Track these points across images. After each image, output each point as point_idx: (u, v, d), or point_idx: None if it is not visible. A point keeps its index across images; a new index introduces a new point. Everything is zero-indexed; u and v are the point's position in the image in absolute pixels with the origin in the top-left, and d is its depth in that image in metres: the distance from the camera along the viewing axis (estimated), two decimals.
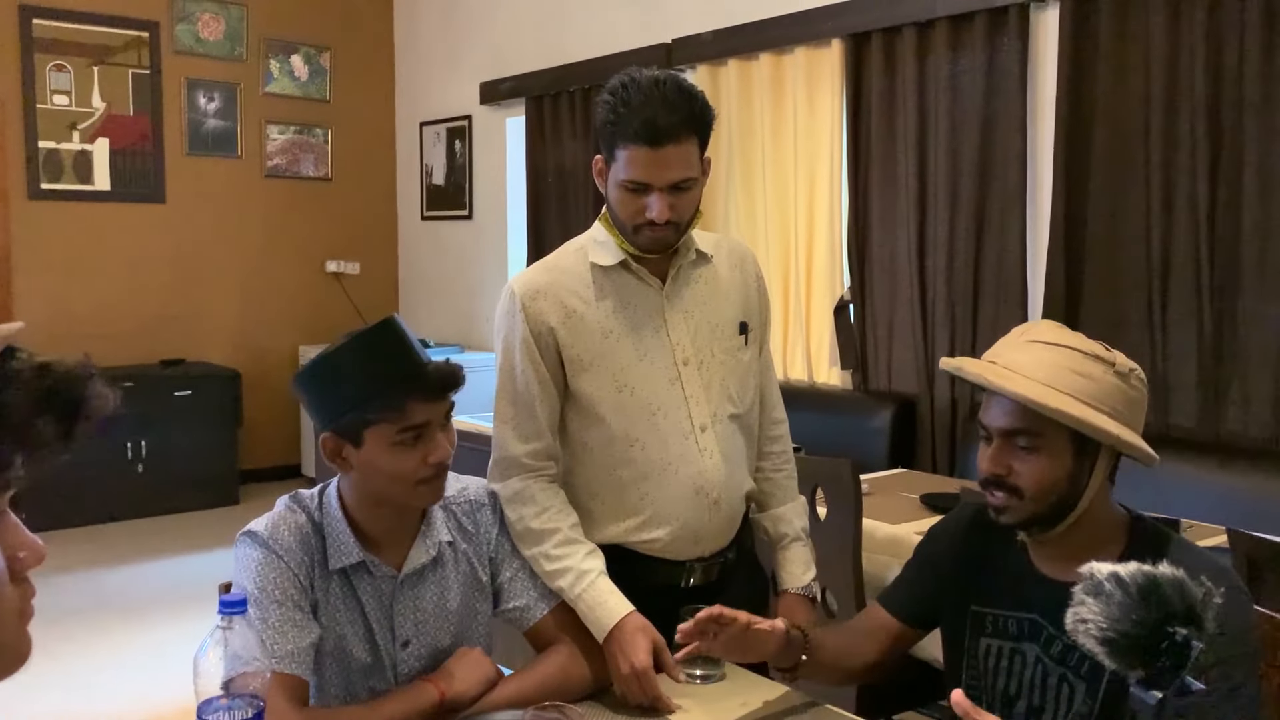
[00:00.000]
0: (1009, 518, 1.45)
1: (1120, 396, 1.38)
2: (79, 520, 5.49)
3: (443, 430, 1.52)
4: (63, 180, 5.80)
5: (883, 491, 3.09)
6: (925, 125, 3.96)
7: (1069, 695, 1.41)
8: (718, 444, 1.75)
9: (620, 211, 1.68)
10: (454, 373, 1.51)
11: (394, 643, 1.57)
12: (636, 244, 1.70)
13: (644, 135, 1.60)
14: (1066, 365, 1.38)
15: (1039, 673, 1.45)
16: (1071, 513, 1.42)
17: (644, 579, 1.75)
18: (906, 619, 1.65)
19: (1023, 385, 1.38)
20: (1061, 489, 1.41)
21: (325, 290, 6.69)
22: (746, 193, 4.68)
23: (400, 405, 1.46)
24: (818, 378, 4.53)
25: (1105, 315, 3.49)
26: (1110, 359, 1.39)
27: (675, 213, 1.65)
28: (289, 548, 1.51)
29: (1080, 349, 1.39)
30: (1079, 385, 1.38)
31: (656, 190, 1.63)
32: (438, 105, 6.54)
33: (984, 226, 3.82)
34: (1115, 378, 1.38)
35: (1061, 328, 1.44)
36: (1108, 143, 3.47)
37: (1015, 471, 1.42)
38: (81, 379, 0.76)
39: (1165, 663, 1.01)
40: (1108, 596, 1.04)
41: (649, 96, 1.61)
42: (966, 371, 1.44)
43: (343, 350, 1.48)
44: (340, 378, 1.49)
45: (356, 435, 1.49)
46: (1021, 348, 1.43)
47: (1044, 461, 1.40)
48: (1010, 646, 1.49)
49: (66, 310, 5.82)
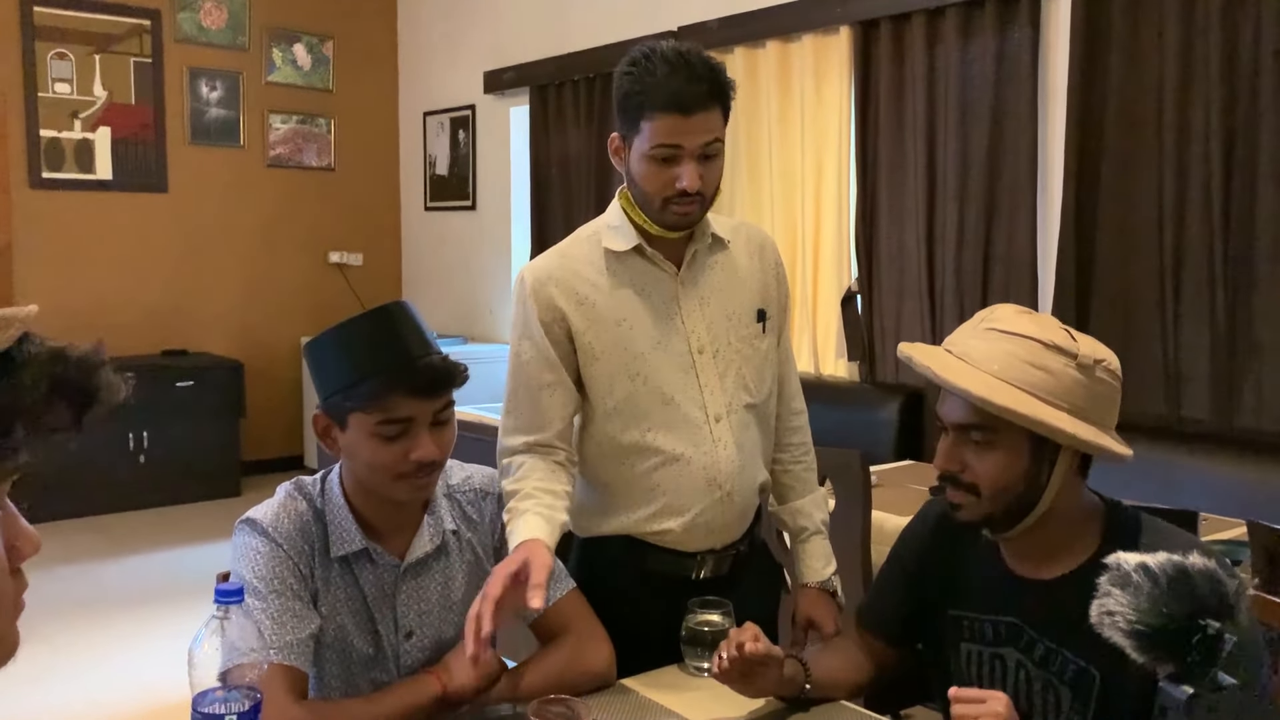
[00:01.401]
0: (965, 515, 1.38)
1: (1081, 391, 1.29)
2: (81, 511, 5.46)
3: (435, 428, 1.47)
4: (64, 169, 5.76)
5: (891, 484, 3.05)
6: (935, 114, 3.91)
7: (1055, 702, 1.35)
8: (732, 434, 1.72)
9: (648, 185, 1.64)
10: (447, 371, 1.45)
11: (397, 633, 1.53)
12: (663, 221, 1.66)
13: (675, 103, 1.57)
14: (1022, 357, 1.30)
15: (1021, 678, 1.39)
16: (1032, 512, 1.34)
17: (654, 570, 1.71)
18: (884, 637, 1.60)
19: (970, 379, 1.30)
20: (1019, 488, 1.33)
21: (328, 281, 6.65)
22: (753, 182, 4.63)
23: (382, 397, 1.42)
24: (824, 369, 4.49)
25: (1117, 307, 3.45)
26: (1072, 349, 1.30)
27: (704, 182, 1.62)
28: (288, 535, 1.47)
29: (1039, 339, 1.30)
30: (1034, 379, 1.29)
31: (687, 157, 1.60)
32: (441, 94, 6.50)
33: (994, 217, 3.77)
34: (1077, 370, 1.29)
35: (1024, 313, 1.35)
36: (1120, 131, 3.42)
37: (970, 468, 1.35)
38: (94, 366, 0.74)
39: (1196, 657, 0.97)
40: (1136, 588, 1.00)
41: (675, 66, 1.58)
42: (915, 361, 1.36)
43: (341, 330, 1.46)
44: (332, 357, 1.46)
45: (342, 417, 1.46)
46: (980, 335, 1.35)
47: (999, 458, 1.32)
48: (990, 652, 1.43)
49: (68, 300, 5.78)
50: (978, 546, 1.45)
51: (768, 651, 1.42)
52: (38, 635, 3.87)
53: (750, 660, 1.41)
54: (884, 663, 1.62)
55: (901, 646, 1.61)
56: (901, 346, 1.41)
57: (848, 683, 1.61)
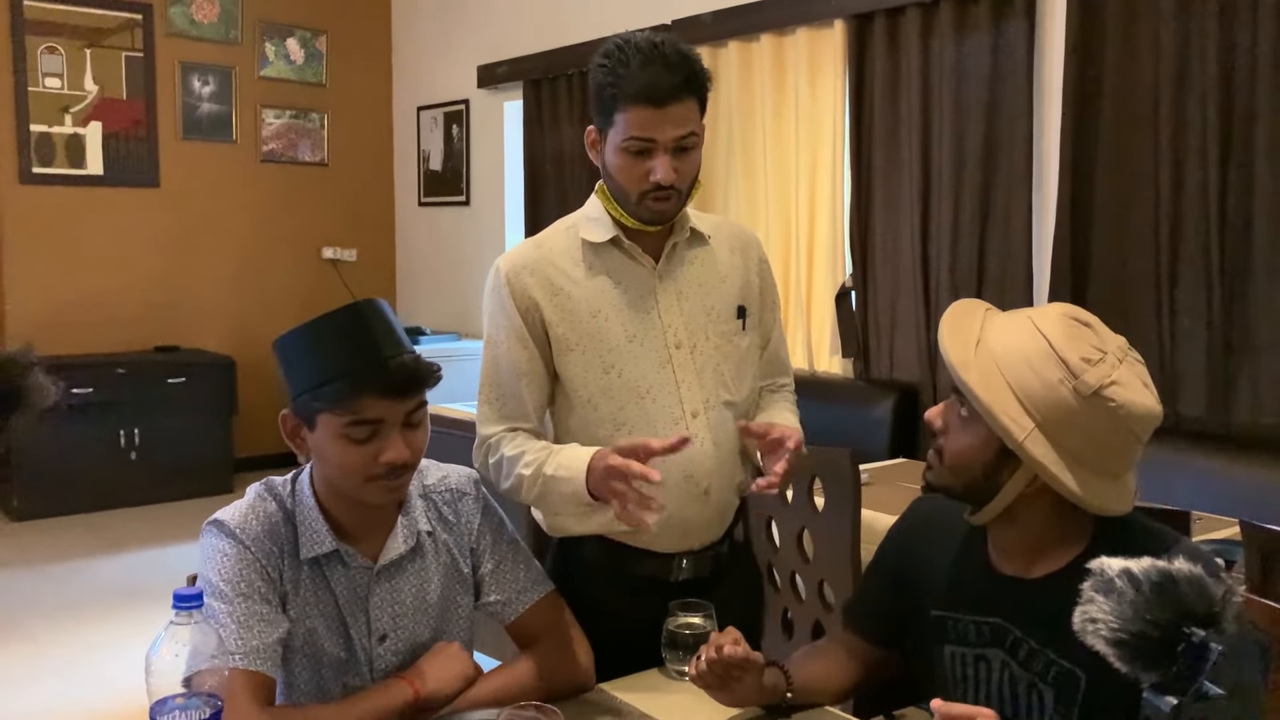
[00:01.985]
0: (930, 477, 1.37)
1: (1063, 413, 1.22)
2: (71, 508, 5.43)
3: (406, 429, 1.42)
4: (55, 164, 5.72)
5: (883, 481, 3.02)
6: (929, 108, 3.87)
7: (1039, 703, 1.32)
8: (710, 431, 1.68)
9: (622, 179, 1.61)
10: (419, 372, 1.41)
11: (370, 637, 1.50)
12: (639, 215, 1.63)
13: (647, 95, 1.55)
14: (1026, 353, 1.25)
15: (1006, 679, 1.35)
16: (986, 507, 1.31)
17: (631, 571, 1.68)
18: (870, 638, 1.57)
19: (960, 346, 1.27)
20: (974, 475, 1.30)
21: (322, 277, 6.61)
22: (747, 177, 4.60)
23: (350, 398, 1.37)
24: (818, 366, 4.46)
25: (1112, 304, 3.41)
26: (1078, 370, 1.22)
27: (679, 176, 1.60)
28: (256, 537, 1.44)
29: (1053, 344, 1.24)
30: (1023, 380, 1.24)
31: (661, 150, 1.57)
32: (435, 89, 6.46)
33: (989, 212, 3.74)
34: (1069, 393, 1.22)
35: (1067, 318, 1.27)
36: (1115, 127, 3.38)
37: (949, 432, 1.33)
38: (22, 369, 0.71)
39: (1181, 666, 0.94)
40: (1119, 594, 0.97)
41: (649, 57, 1.56)
42: (944, 319, 1.33)
43: (310, 327, 1.42)
44: (301, 356, 1.42)
45: (310, 418, 1.42)
46: (1016, 321, 1.30)
47: (970, 438, 1.30)
48: (974, 653, 1.39)
49: (59, 296, 5.75)
50: (964, 545, 1.42)
51: (747, 656, 1.38)
52: (24, 634, 3.84)
53: (729, 664, 1.38)
54: (871, 664, 1.59)
55: (888, 647, 1.57)
56: (957, 304, 1.37)
57: (832, 689, 1.57)
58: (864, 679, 1.62)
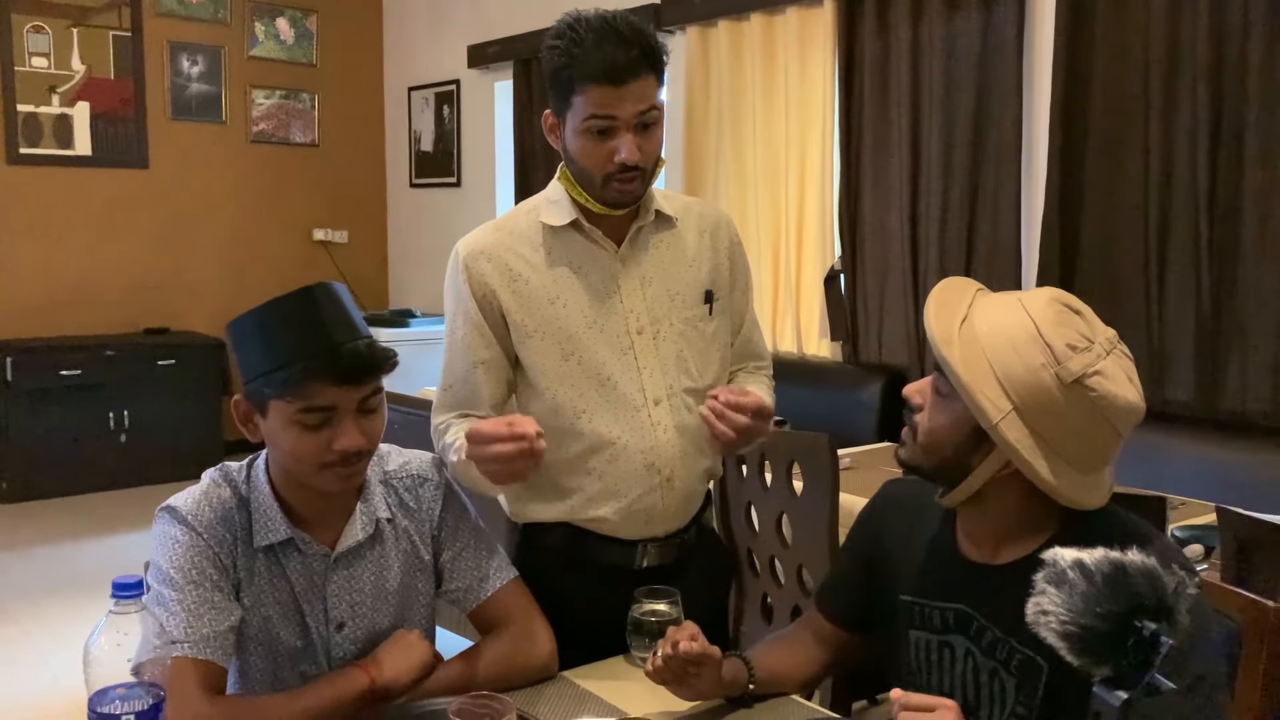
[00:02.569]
0: (902, 454, 1.34)
1: (1043, 399, 1.19)
2: (60, 491, 5.41)
3: (361, 416, 1.40)
4: (42, 144, 5.68)
5: (866, 466, 3.00)
6: (919, 90, 3.83)
7: (1000, 691, 1.29)
8: (673, 418, 1.65)
9: (585, 161, 1.57)
10: (373, 358, 1.38)
11: (327, 625, 1.48)
12: (605, 199, 1.60)
13: (605, 73, 1.51)
14: (1011, 334, 1.21)
15: (969, 668, 1.33)
16: (957, 488, 1.28)
17: (595, 559, 1.65)
18: (840, 622, 1.54)
19: (943, 322, 1.24)
20: (945, 455, 1.27)
21: (312, 259, 6.57)
22: (736, 158, 4.56)
23: (301, 385, 1.34)
24: (807, 349, 4.43)
25: (1101, 285, 3.38)
26: (1062, 357, 1.18)
27: (643, 155, 1.56)
28: (209, 524, 1.41)
29: (1040, 328, 1.20)
30: (1005, 361, 1.20)
31: (623, 129, 1.54)
32: (426, 69, 6.40)
33: (978, 194, 3.70)
34: (1051, 379, 1.19)
35: (1057, 303, 1.23)
36: (1105, 110, 3.34)
37: (925, 409, 1.30)
38: None
39: (1132, 660, 0.91)
40: (1071, 586, 0.94)
41: (602, 35, 1.52)
42: (933, 293, 1.30)
43: (261, 311, 1.39)
44: (252, 340, 1.39)
45: (262, 404, 1.40)
46: (1006, 302, 1.26)
47: (945, 416, 1.26)
48: (938, 640, 1.36)
49: (47, 277, 5.72)
50: (932, 530, 1.40)
51: (703, 651, 1.36)
52: (8, 617, 3.83)
53: (685, 660, 1.36)
54: (841, 649, 1.57)
55: (859, 631, 1.55)
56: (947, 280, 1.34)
57: (798, 677, 1.55)
58: (833, 665, 1.60)
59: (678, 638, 1.36)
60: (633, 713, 1.46)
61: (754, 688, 1.48)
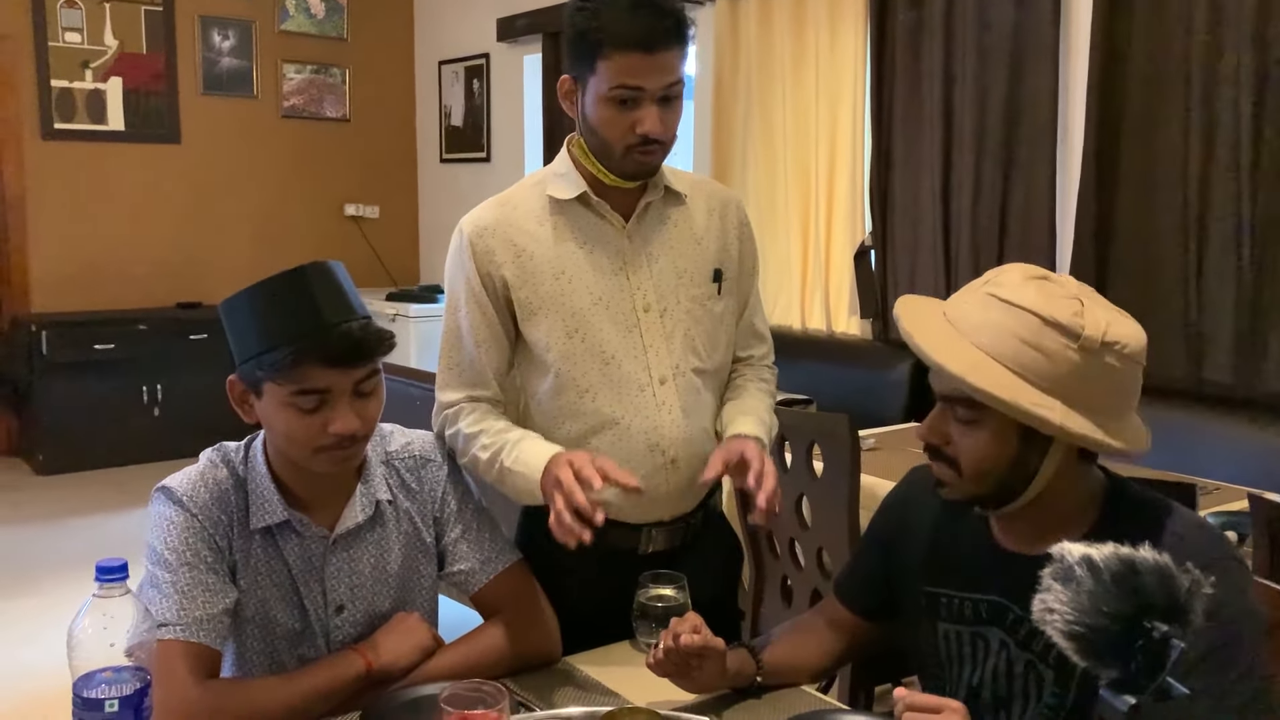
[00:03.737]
0: (948, 494, 1.27)
1: (1080, 377, 1.15)
2: (94, 463, 5.48)
3: (357, 399, 1.37)
4: (76, 120, 5.71)
5: (891, 447, 2.94)
6: (951, 60, 3.74)
7: (1037, 685, 1.25)
8: (678, 398, 1.61)
9: (606, 131, 1.52)
10: (367, 341, 1.34)
11: (326, 608, 1.46)
12: (623, 170, 1.55)
13: (638, 40, 1.46)
14: (1017, 333, 1.16)
15: (1003, 660, 1.28)
16: (1019, 497, 1.23)
17: (599, 542, 1.61)
18: (860, 611, 1.50)
19: (951, 353, 1.17)
20: (1002, 473, 1.21)
21: (344, 234, 6.58)
22: (765, 132, 4.48)
23: (294, 367, 1.32)
24: (836, 327, 4.37)
25: (1137, 263, 3.29)
26: (1075, 328, 1.15)
27: (665, 128, 1.52)
28: (204, 505, 1.39)
29: (1039, 313, 1.15)
30: (1026, 359, 1.15)
31: (648, 100, 1.49)
32: (455, 43, 6.36)
33: (1011, 168, 3.61)
34: (1078, 354, 1.14)
35: (1033, 280, 1.19)
36: (1145, 79, 3.24)
37: (954, 443, 1.23)
38: None
39: (1140, 663, 0.86)
40: (1077, 583, 0.89)
41: (638, 1, 1.47)
42: (902, 324, 1.23)
43: (254, 291, 1.36)
44: (245, 321, 1.37)
45: (256, 386, 1.37)
46: (979, 300, 1.21)
47: (984, 438, 1.20)
48: (970, 632, 1.32)
49: (81, 252, 5.77)
50: (965, 519, 1.34)
51: (705, 643, 1.32)
52: (36, 588, 3.88)
53: (686, 653, 1.32)
54: (859, 638, 1.52)
55: (878, 621, 1.51)
56: (898, 302, 1.27)
57: (810, 667, 1.51)
58: (850, 655, 1.56)
59: (679, 630, 1.33)
60: (637, 700, 1.43)
61: (761, 679, 1.44)
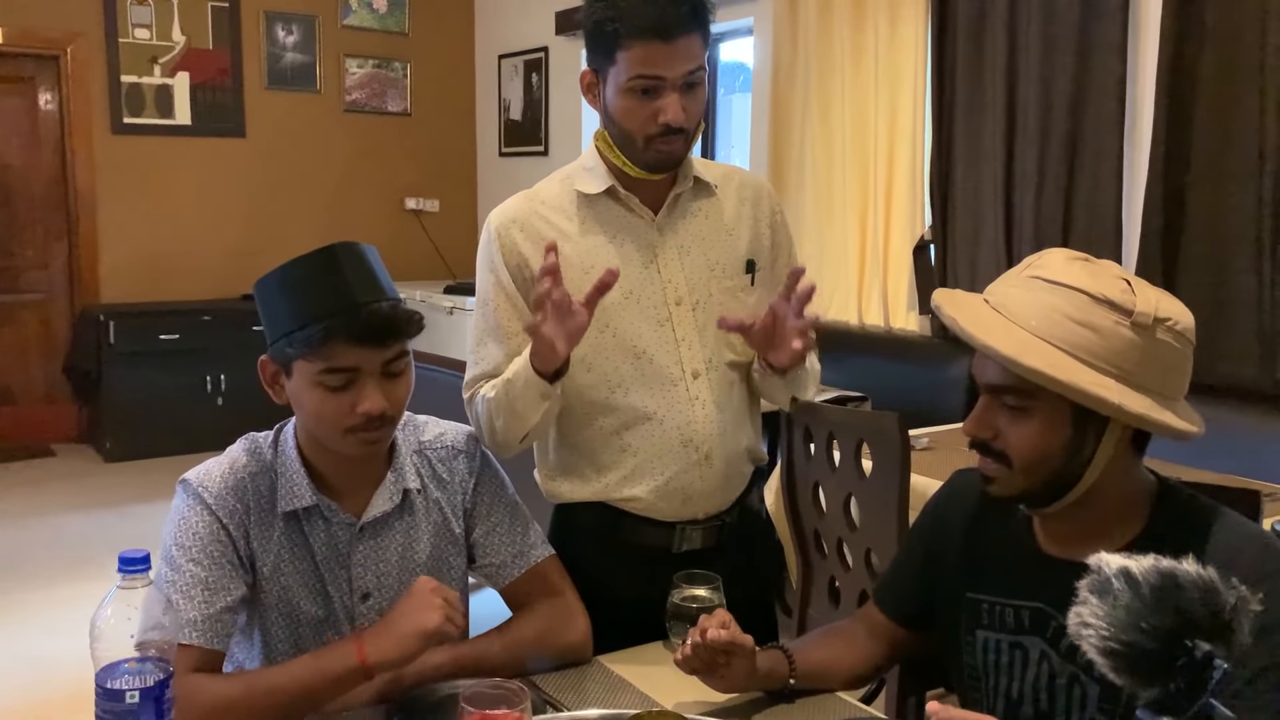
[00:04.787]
0: (997, 490, 1.22)
1: (1135, 354, 1.11)
2: (158, 451, 5.59)
3: (385, 380, 1.36)
4: (144, 115, 5.83)
5: (946, 446, 2.86)
6: (1016, 49, 3.64)
7: (1080, 699, 1.19)
8: (712, 392, 1.58)
9: (627, 122, 1.51)
10: (395, 320, 1.34)
11: (351, 595, 1.45)
12: (645, 161, 1.54)
13: (655, 28, 1.44)
14: (1066, 312, 1.12)
15: (1044, 672, 1.23)
16: (1072, 490, 1.18)
17: (630, 539, 1.59)
18: (899, 618, 1.45)
19: (999, 335, 1.13)
20: (1056, 462, 1.16)
21: (404, 228, 6.63)
22: (823, 122, 4.41)
23: (322, 344, 1.32)
24: (894, 323, 4.29)
25: (1208, 259, 3.17)
26: (1127, 304, 1.11)
27: (688, 116, 1.50)
28: (217, 494, 1.40)
29: (1088, 291, 1.12)
30: (1078, 338, 1.11)
31: (669, 89, 1.47)
32: (515, 37, 6.37)
33: (1076, 160, 3.51)
34: (1131, 330, 1.11)
35: (1077, 260, 1.16)
36: (1218, 66, 3.12)
37: (1002, 435, 1.18)
38: None
39: (1181, 683, 0.81)
40: (1114, 597, 0.84)
41: None
42: (943, 311, 1.19)
43: (285, 270, 1.37)
44: (276, 299, 1.38)
45: (287, 364, 1.38)
46: (1022, 283, 1.17)
47: (1035, 427, 1.15)
48: (1010, 640, 1.26)
49: (149, 244, 5.89)
50: (1008, 523, 1.29)
51: (733, 639, 1.29)
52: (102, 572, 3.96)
53: (713, 649, 1.29)
54: (898, 646, 1.48)
55: (918, 629, 1.46)
56: (936, 294, 1.24)
57: (846, 673, 1.47)
58: (888, 663, 1.51)
59: (707, 625, 1.30)
60: (666, 702, 1.40)
61: (794, 682, 1.40)
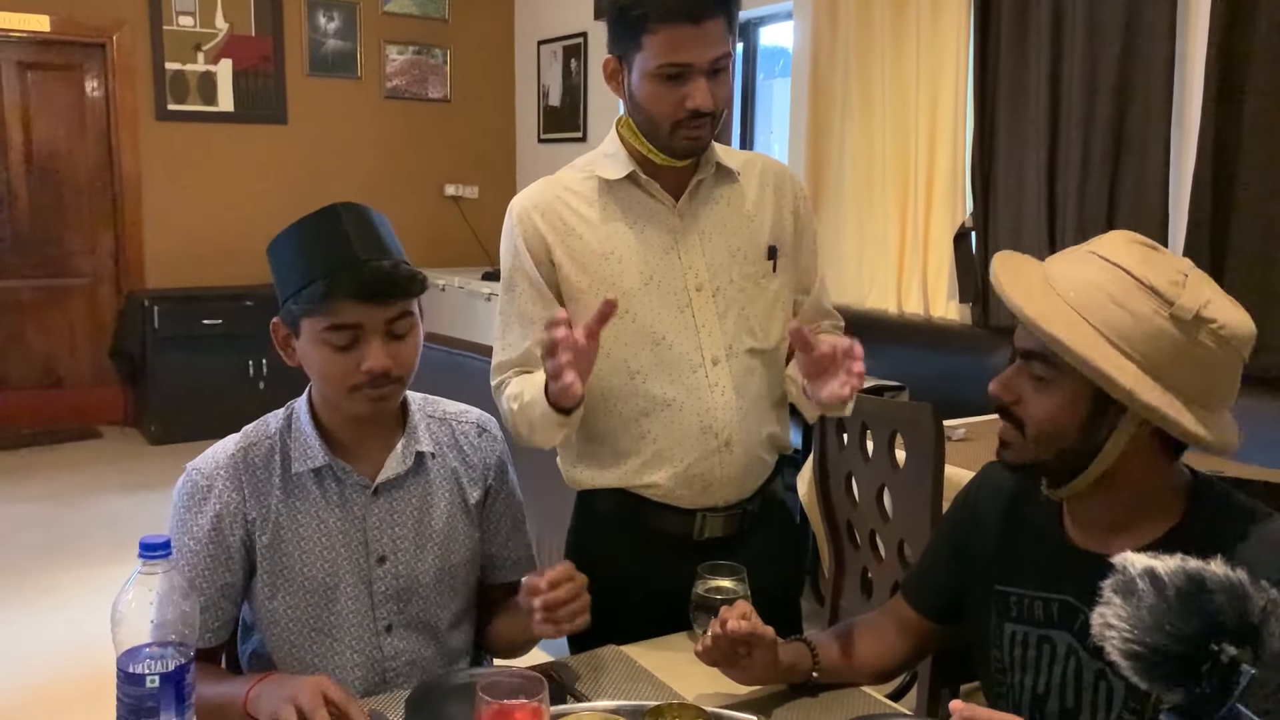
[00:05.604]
0: (1010, 456, 1.21)
1: (1166, 346, 1.08)
2: (200, 434, 5.63)
3: (390, 340, 1.38)
4: (188, 101, 5.90)
5: (983, 437, 2.82)
6: (1060, 31, 3.57)
7: (1107, 696, 1.16)
8: (732, 379, 1.56)
9: (655, 109, 1.49)
10: (396, 277, 1.36)
11: (368, 558, 1.46)
12: (672, 147, 1.52)
13: (683, 11, 1.42)
14: (1107, 289, 1.09)
15: (1071, 667, 1.20)
16: (1084, 473, 1.15)
17: (651, 527, 1.58)
18: (928, 612, 1.43)
19: (1031, 298, 1.12)
20: (1068, 440, 1.15)
21: (444, 214, 6.66)
22: (864, 107, 4.36)
23: (325, 300, 1.34)
24: (934, 311, 4.24)
25: (1258, 250, 3.10)
26: (1170, 295, 1.08)
27: (715, 100, 1.48)
28: (210, 474, 1.44)
29: (1134, 273, 1.09)
30: (1111, 318, 1.09)
31: (697, 74, 1.46)
32: (554, 22, 6.36)
33: (1122, 147, 3.43)
34: (1169, 322, 1.08)
35: (1137, 244, 1.13)
36: (1270, 50, 3.03)
37: (1023, 401, 1.18)
38: None
39: (1207, 687, 0.79)
40: (1139, 598, 0.82)
41: None
42: (995, 267, 1.18)
43: (292, 229, 1.40)
44: (284, 259, 1.41)
45: (295, 323, 1.40)
46: (1078, 258, 1.15)
47: (1055, 399, 1.14)
48: (1038, 634, 1.24)
49: (192, 228, 5.97)
50: (1038, 515, 1.27)
51: (752, 631, 1.27)
52: None
53: (733, 641, 1.27)
54: (926, 641, 1.46)
55: (947, 623, 1.44)
56: (998, 256, 1.22)
57: (872, 668, 1.45)
58: (916, 658, 1.49)
59: (727, 616, 1.28)
60: (687, 694, 1.39)
61: (817, 675, 1.38)
